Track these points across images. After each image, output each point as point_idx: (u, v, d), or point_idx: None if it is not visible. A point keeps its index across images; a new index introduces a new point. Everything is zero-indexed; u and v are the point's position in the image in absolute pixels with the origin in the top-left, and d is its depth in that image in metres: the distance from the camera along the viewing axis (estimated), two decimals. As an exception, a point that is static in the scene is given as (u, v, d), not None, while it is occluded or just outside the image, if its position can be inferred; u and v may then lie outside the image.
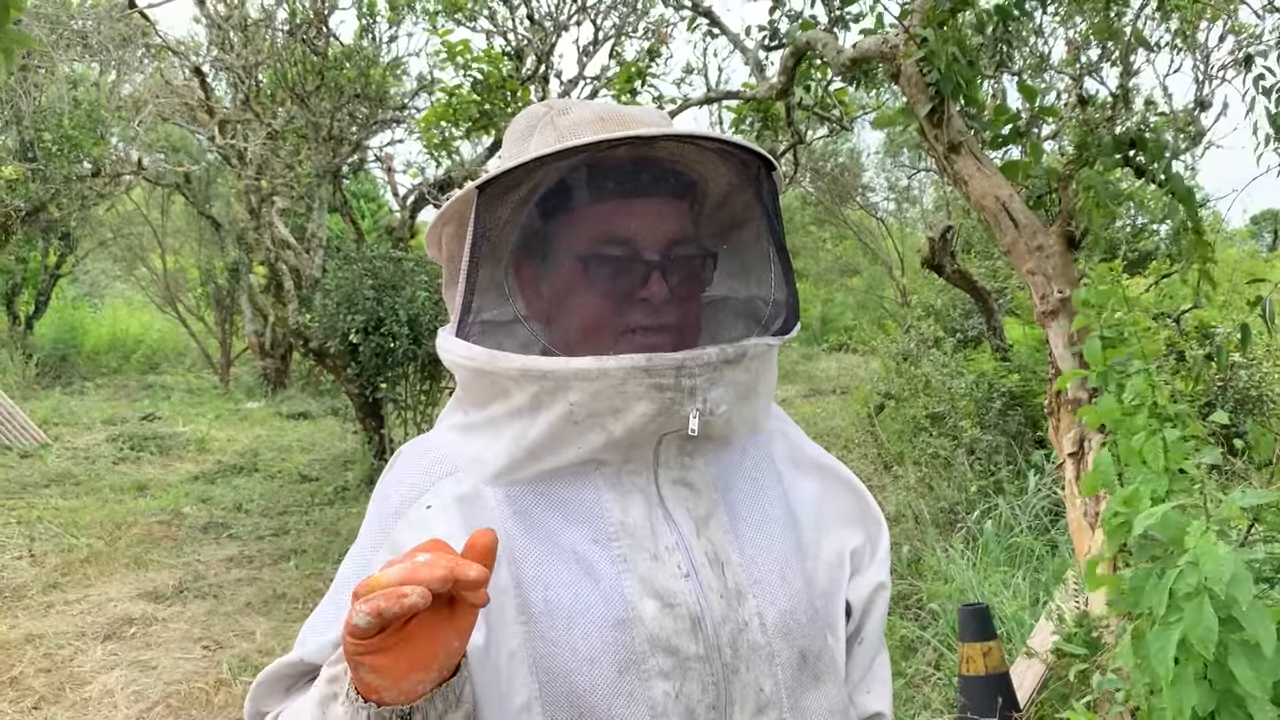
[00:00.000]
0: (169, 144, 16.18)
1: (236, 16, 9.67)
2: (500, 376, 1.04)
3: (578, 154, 1.04)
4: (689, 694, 1.02)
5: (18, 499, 9.05)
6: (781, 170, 1.21)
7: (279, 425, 14.09)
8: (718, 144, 1.11)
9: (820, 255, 24.32)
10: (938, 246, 8.12)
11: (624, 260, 1.07)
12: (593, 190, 1.09)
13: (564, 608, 1.02)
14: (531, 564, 1.04)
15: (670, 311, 1.07)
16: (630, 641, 1.02)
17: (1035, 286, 4.30)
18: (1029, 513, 5.85)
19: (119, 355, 21.34)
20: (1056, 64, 9.04)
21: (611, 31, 11.29)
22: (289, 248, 11.08)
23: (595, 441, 1.03)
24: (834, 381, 16.69)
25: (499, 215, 1.09)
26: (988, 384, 7.17)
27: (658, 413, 1.01)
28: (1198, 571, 2.08)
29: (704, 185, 1.16)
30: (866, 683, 1.26)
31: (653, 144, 1.07)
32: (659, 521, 1.07)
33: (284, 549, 7.50)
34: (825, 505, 1.23)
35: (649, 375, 0.99)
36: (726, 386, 1.04)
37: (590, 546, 1.05)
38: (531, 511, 1.06)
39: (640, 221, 1.08)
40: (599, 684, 1.00)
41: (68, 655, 5.32)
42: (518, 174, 1.06)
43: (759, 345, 1.08)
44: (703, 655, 1.03)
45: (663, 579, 1.04)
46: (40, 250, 18.36)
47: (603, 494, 1.07)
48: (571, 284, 1.09)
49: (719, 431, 1.10)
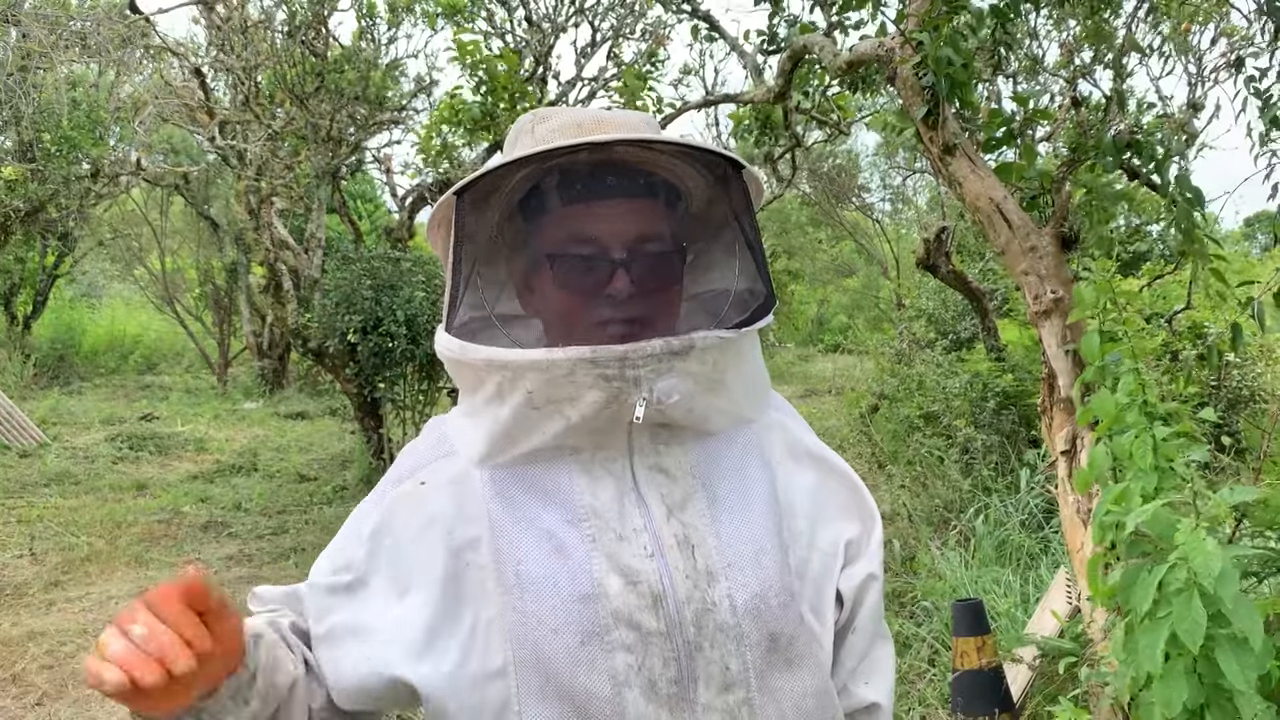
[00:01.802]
0: (168, 145, 16.20)
1: (236, 18, 9.70)
2: (472, 368, 1.13)
3: (535, 161, 1.11)
4: (650, 667, 1.08)
5: (18, 498, 9.08)
6: (763, 176, 1.26)
7: (277, 425, 14.12)
8: (675, 148, 1.16)
9: (817, 256, 24.38)
10: (933, 247, 8.17)
11: (590, 259, 1.14)
12: (560, 193, 1.15)
13: (535, 581, 1.09)
14: (509, 541, 1.12)
15: (637, 306, 1.13)
16: (595, 615, 1.08)
17: (1029, 287, 4.35)
18: (1022, 511, 5.90)
19: (117, 355, 21.35)
20: (1050, 66, 9.09)
21: (609, 33, 11.34)
22: (288, 248, 11.11)
23: (556, 427, 1.10)
24: (829, 382, 16.75)
25: (476, 218, 1.17)
26: (982, 384, 7.23)
27: (608, 401, 1.07)
28: (1187, 567, 2.13)
29: (672, 185, 1.21)
30: (863, 673, 1.29)
31: (610, 149, 1.13)
32: (630, 505, 1.13)
33: (283, 547, 7.54)
34: (822, 496, 1.27)
35: (595, 366, 1.06)
36: (680, 377, 1.09)
37: (563, 527, 1.12)
38: (513, 493, 1.14)
39: (605, 221, 1.14)
40: (562, 652, 1.07)
41: (70, 652, 5.36)
42: (489, 180, 1.13)
43: (708, 337, 1.11)
44: (664, 631, 1.09)
45: (627, 558, 1.11)
46: (39, 250, 18.35)
47: (576, 479, 1.14)
48: (545, 282, 1.17)
49: (686, 420, 1.15)
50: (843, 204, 20.33)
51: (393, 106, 10.88)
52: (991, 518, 5.88)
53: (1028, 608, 4.75)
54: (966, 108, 4.53)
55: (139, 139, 11.68)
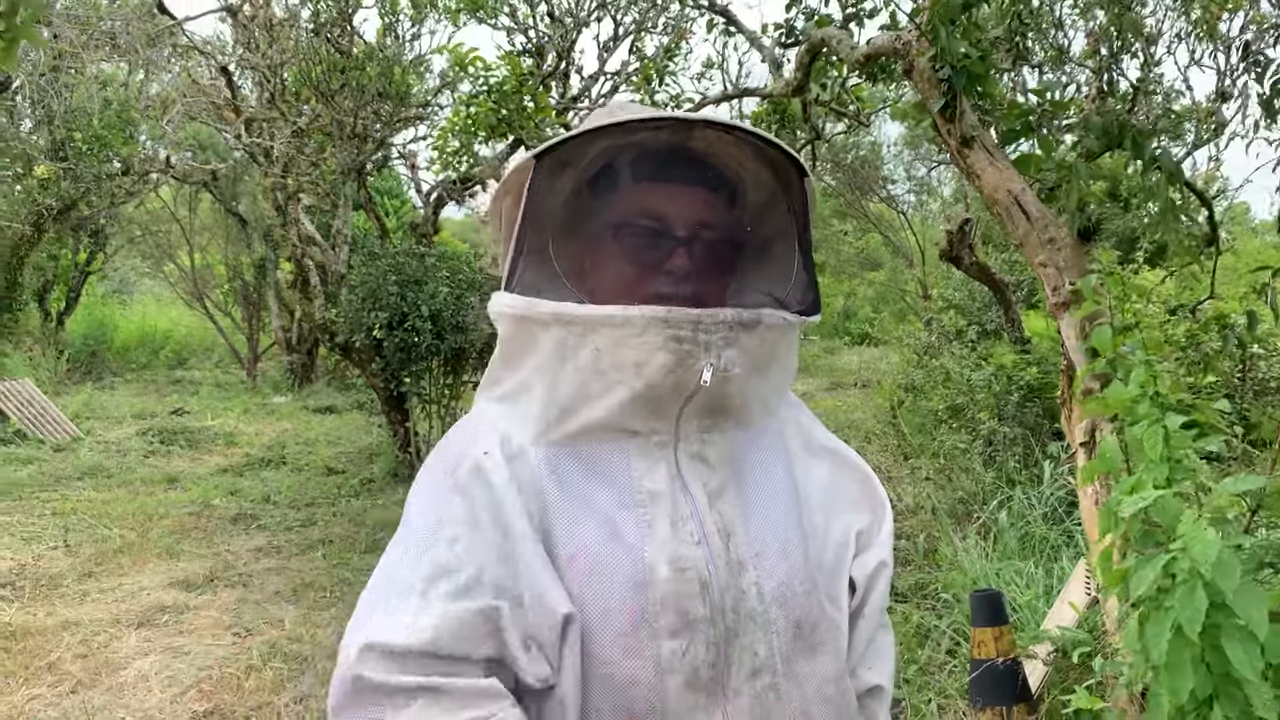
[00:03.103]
0: (196, 142, 16.38)
1: (262, 16, 9.81)
2: (533, 323, 1.13)
3: (619, 131, 1.13)
4: (695, 654, 1.10)
5: (52, 491, 9.24)
6: (815, 188, 1.28)
7: (305, 419, 14.25)
8: (755, 138, 1.18)
9: (841, 248, 24.30)
10: (956, 239, 8.15)
11: (654, 233, 1.17)
12: (635, 168, 1.18)
13: (589, 563, 1.11)
14: (564, 521, 1.12)
15: (692, 284, 1.15)
16: (645, 601, 1.10)
17: (1047, 279, 4.35)
18: (1045, 503, 5.89)
19: (148, 351, 21.59)
20: (1076, 56, 9.02)
21: (632, 27, 11.35)
22: (315, 244, 11.24)
23: (620, 396, 1.11)
24: (855, 375, 16.70)
25: (551, 185, 1.18)
26: (1006, 376, 7.21)
27: (676, 364, 1.08)
28: (1188, 556, 2.15)
29: (738, 180, 1.23)
30: (868, 658, 1.33)
31: (693, 129, 1.16)
32: (678, 491, 1.15)
33: (311, 539, 7.63)
34: (835, 489, 1.32)
35: (668, 326, 1.08)
36: (740, 351, 1.12)
37: (618, 510, 1.13)
38: (568, 473, 1.15)
39: (673, 201, 1.18)
40: (609, 636, 1.09)
41: (103, 641, 5.47)
42: (569, 147, 1.15)
43: (774, 316, 1.15)
44: (708, 618, 1.11)
45: (677, 545, 1.13)
46: (71, 248, 18.59)
47: (633, 461, 1.15)
48: (607, 251, 1.19)
49: (735, 403, 1.17)
50: (868, 196, 20.24)
51: (417, 103, 10.96)
52: (1015, 510, 5.88)
53: (1049, 600, 4.75)
54: (985, 100, 4.53)
55: (168, 137, 11.82)
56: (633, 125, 1.12)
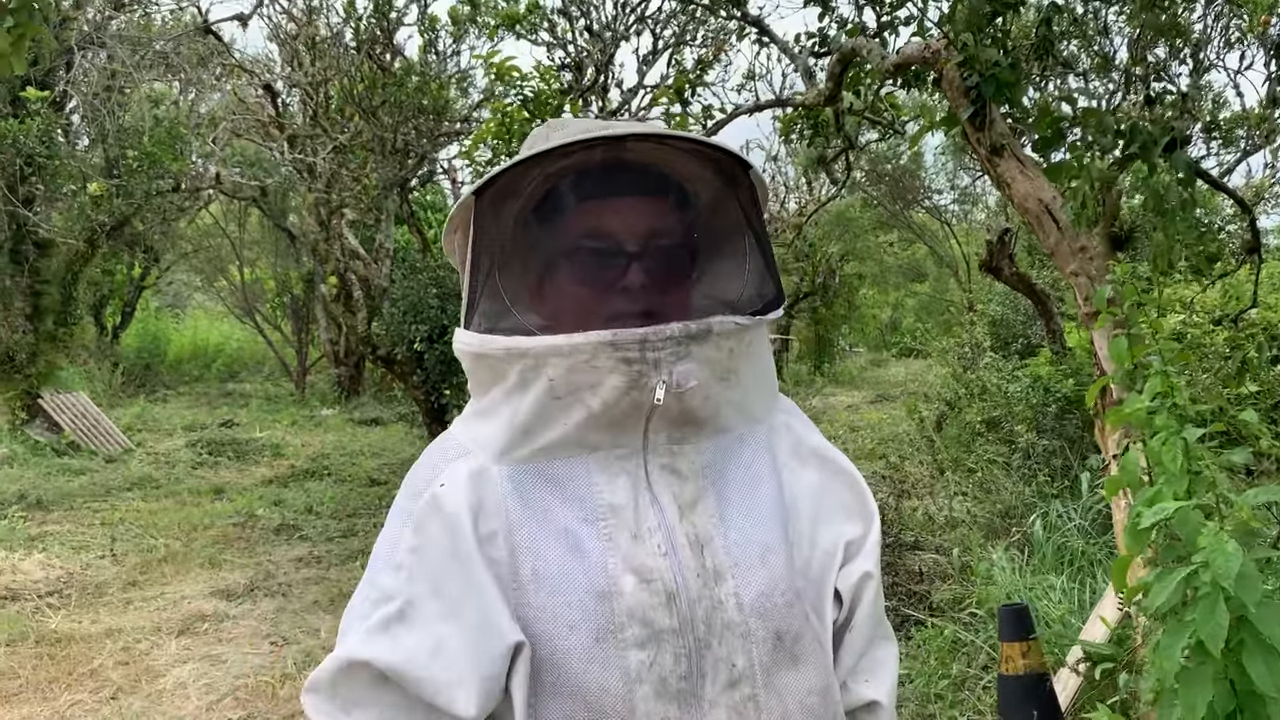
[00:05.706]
0: (245, 158, 16.70)
1: (304, 34, 9.98)
2: (493, 359, 1.14)
3: (550, 157, 1.13)
4: (662, 664, 1.10)
5: (101, 501, 9.46)
6: (765, 179, 1.28)
7: (351, 431, 14.44)
8: (685, 143, 1.19)
9: (883, 259, 24.11)
10: (996, 249, 8.05)
11: (605, 253, 1.16)
12: (574, 191, 1.18)
13: (550, 578, 1.11)
14: (525, 537, 1.13)
15: (650, 299, 1.15)
16: (609, 612, 1.10)
17: (1079, 288, 4.30)
18: (1085, 516, 5.79)
19: (200, 364, 22.02)
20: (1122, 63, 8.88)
21: (671, 40, 11.37)
22: (358, 258, 11.39)
23: (578, 417, 1.11)
24: (901, 387, 16.57)
25: (496, 217, 1.19)
26: (1044, 388, 7.10)
27: (629, 385, 1.08)
28: (1210, 570, 2.10)
29: (682, 182, 1.22)
30: (864, 671, 1.30)
31: (622, 145, 1.16)
32: (645, 504, 1.15)
33: (351, 550, 7.73)
34: (824, 496, 1.29)
35: (615, 349, 1.07)
36: (697, 363, 1.11)
37: (580, 525, 1.13)
38: (530, 490, 1.15)
39: (619, 216, 1.17)
40: (576, 649, 1.09)
41: (144, 649, 5.58)
42: (506, 180, 1.16)
43: (725, 322, 1.14)
44: (676, 629, 1.11)
45: (642, 557, 1.12)
46: (126, 263, 19.00)
47: (594, 476, 1.15)
48: (563, 276, 1.18)
49: (703, 413, 1.16)
50: (911, 206, 20.06)
51: (457, 118, 11.08)
52: (1051, 523, 5.78)
53: (1084, 614, 4.67)
54: (1015, 108, 4.48)
55: (216, 154, 12.07)
56: (565, 149, 1.12)
